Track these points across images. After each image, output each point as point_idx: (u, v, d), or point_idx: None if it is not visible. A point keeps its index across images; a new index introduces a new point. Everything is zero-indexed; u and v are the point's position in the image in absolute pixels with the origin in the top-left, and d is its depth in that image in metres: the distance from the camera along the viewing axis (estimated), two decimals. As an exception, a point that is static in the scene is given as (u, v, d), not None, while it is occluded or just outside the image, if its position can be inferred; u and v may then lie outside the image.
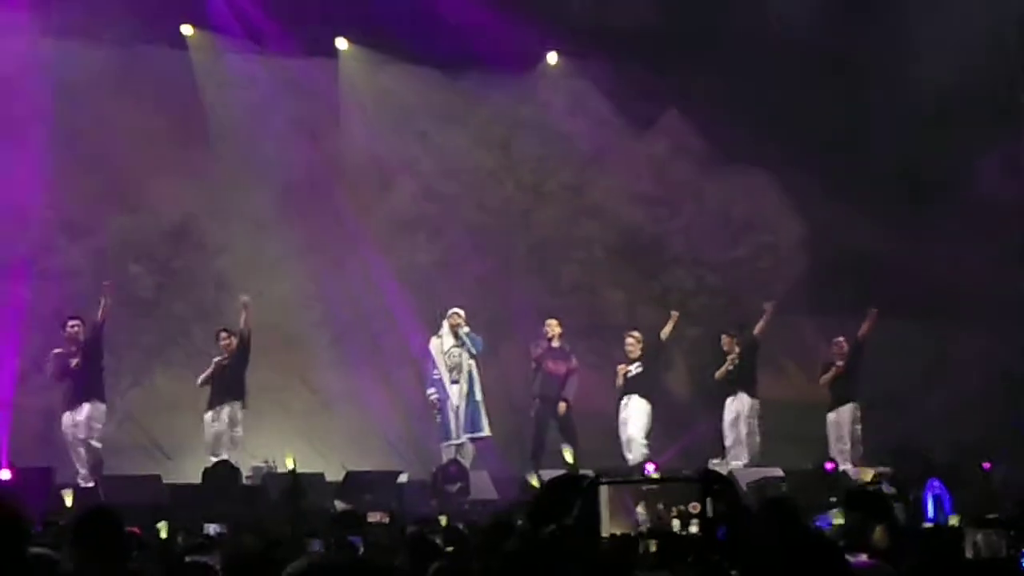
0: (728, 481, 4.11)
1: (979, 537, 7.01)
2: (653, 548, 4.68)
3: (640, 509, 4.35)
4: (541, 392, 16.41)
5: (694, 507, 4.26)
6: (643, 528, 4.49)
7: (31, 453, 14.83)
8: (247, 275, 16.93)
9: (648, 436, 16.29)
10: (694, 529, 4.73)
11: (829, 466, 15.44)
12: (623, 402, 16.46)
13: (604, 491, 4.50)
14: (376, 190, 18.35)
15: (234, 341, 15.34)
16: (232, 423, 15.23)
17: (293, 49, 17.55)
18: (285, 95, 17.68)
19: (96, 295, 14.98)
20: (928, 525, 7.46)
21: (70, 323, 14.88)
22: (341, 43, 18.36)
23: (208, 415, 15.25)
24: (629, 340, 16.56)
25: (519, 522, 9.43)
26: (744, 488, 14.68)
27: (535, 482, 14.73)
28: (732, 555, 4.11)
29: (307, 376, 17.21)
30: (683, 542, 4.65)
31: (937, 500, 7.70)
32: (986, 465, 15.40)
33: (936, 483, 7.61)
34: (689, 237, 19.58)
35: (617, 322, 18.22)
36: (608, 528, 4.43)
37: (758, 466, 15.97)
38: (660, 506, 4.35)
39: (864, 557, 6.61)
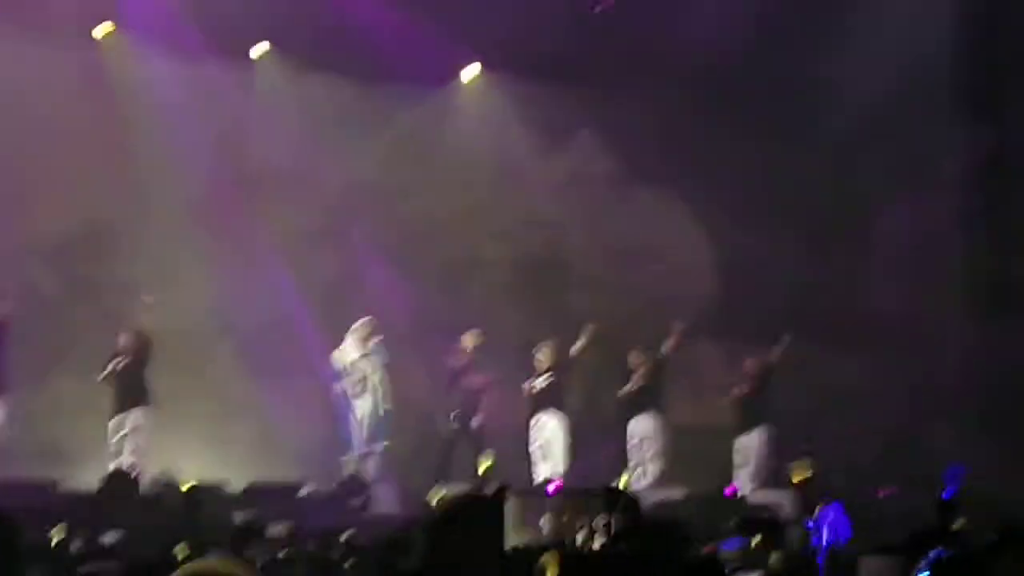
0: (633, 498, 4.11)
1: (872, 563, 7.07)
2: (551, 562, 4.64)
3: (544, 522, 4.32)
4: (459, 405, 16.33)
5: (600, 520, 4.24)
6: (545, 541, 4.46)
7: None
8: (153, 281, 16.74)
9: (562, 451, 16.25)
10: (597, 544, 4.73)
11: (729, 490, 15.55)
12: (534, 419, 16.40)
13: (510, 503, 4.44)
14: (285, 200, 18.18)
15: (130, 340, 15.09)
16: (135, 430, 15.00)
17: (209, 54, 17.38)
18: (199, 100, 17.51)
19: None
20: (824, 549, 7.53)
21: None
22: (257, 49, 18.24)
23: (112, 421, 15.02)
24: (541, 353, 16.49)
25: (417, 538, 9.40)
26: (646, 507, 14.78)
27: (437, 497, 14.69)
28: (632, 570, 4.10)
29: (210, 384, 17.00)
30: (585, 556, 4.64)
31: (833, 525, 7.77)
32: (882, 492, 15.59)
33: (834, 507, 7.66)
34: (595, 258, 19.62)
35: (518, 342, 18.25)
36: (511, 540, 4.37)
37: (660, 487, 16.04)
38: (564, 519, 4.33)
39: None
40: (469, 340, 16.50)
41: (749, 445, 16.60)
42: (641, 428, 16.63)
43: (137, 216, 17.44)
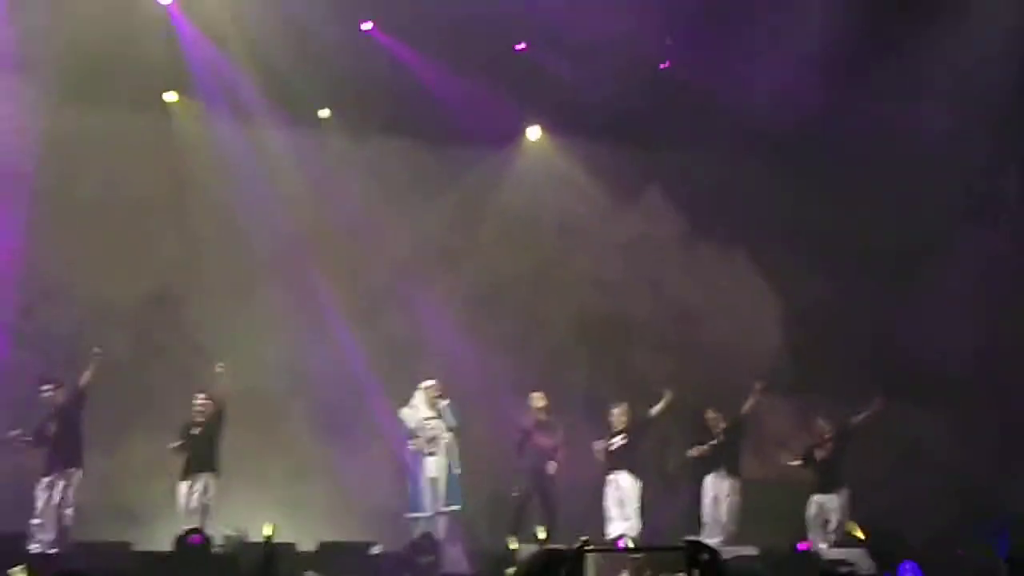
0: (714, 551, 4.10)
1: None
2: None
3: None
4: (530, 465, 16.33)
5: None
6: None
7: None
8: (224, 343, 16.92)
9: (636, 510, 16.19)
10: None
11: (802, 546, 15.40)
12: (610, 476, 16.37)
13: (591, 560, 4.44)
14: (352, 262, 18.29)
15: (210, 406, 15.26)
16: (205, 492, 15.11)
17: (277, 119, 17.59)
18: (268, 165, 17.72)
19: (75, 360, 14.92)
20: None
21: (43, 387, 14.80)
22: (324, 113, 18.46)
23: (183, 485, 15.14)
24: (615, 411, 16.50)
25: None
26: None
27: (514, 544, 14.65)
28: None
29: (282, 445, 17.09)
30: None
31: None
32: (960, 551, 15.35)
33: (909, 565, 7.57)
34: (664, 318, 19.59)
35: (584, 402, 18.28)
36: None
37: (733, 545, 15.93)
38: (645, 574, 4.32)
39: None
40: (537, 401, 16.52)
41: (829, 506, 16.45)
42: (716, 486, 16.58)
43: (208, 279, 17.62)
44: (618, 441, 16.39)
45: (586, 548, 4.26)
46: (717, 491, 16.60)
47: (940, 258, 18.81)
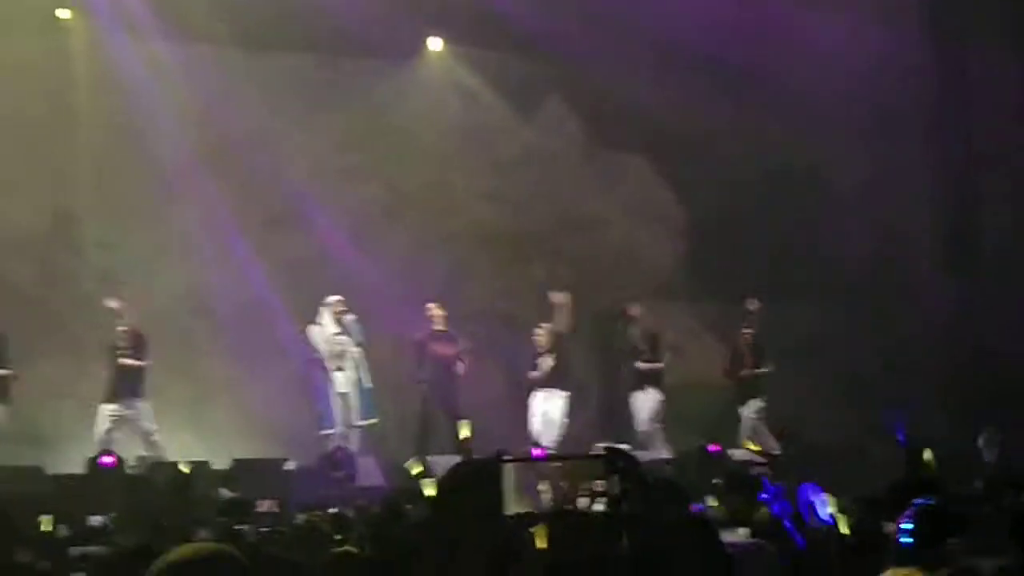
0: (632, 458, 4.20)
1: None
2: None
3: (543, 489, 4.39)
4: (431, 376, 16.41)
5: (599, 484, 4.33)
6: (545, 508, 4.54)
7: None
8: (124, 265, 16.83)
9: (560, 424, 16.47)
10: (600, 507, 4.81)
11: (712, 448, 15.71)
12: (537, 393, 16.55)
13: (510, 471, 4.52)
14: (252, 181, 18.07)
15: (131, 332, 15.21)
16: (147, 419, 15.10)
17: (171, 34, 17.32)
18: (162, 82, 17.45)
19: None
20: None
21: None
22: (218, 30, 18.19)
23: (110, 407, 15.07)
24: (538, 332, 16.63)
25: (408, 507, 9.49)
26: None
27: (415, 469, 14.80)
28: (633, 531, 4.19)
29: (188, 367, 16.99)
30: (576, 521, 4.71)
31: (810, 506, 7.90)
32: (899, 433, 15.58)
33: (808, 487, 7.79)
34: (564, 229, 19.68)
35: (495, 311, 18.40)
36: (511, 508, 4.46)
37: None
38: (563, 484, 4.41)
39: (742, 531, 6.82)
40: (434, 311, 16.54)
41: (748, 415, 16.93)
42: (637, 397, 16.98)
43: (106, 201, 17.34)
44: (547, 362, 16.55)
45: (504, 459, 4.35)
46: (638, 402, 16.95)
47: (840, 171, 19.13)
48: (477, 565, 4.19)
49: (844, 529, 7.65)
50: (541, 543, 4.63)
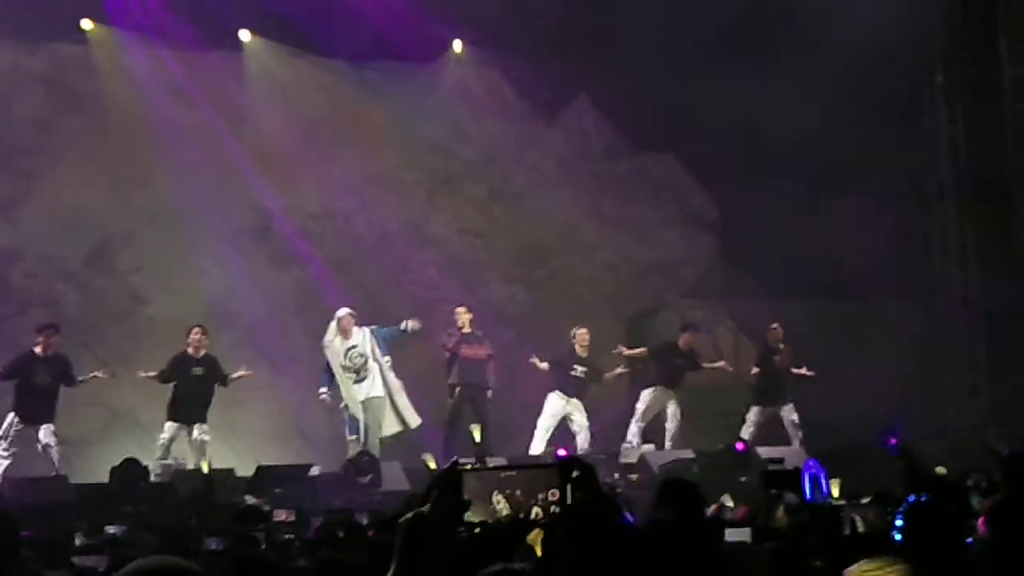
0: (588, 466, 4.13)
1: (857, 515, 7.12)
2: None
3: (498, 497, 4.31)
4: (460, 379, 16.41)
5: (552, 495, 4.24)
6: (500, 517, 4.46)
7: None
8: (156, 275, 16.93)
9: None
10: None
11: (740, 446, 15.60)
12: (565, 400, 16.56)
13: (470, 479, 4.46)
14: (279, 188, 18.13)
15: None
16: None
17: (196, 42, 17.39)
18: (188, 90, 17.53)
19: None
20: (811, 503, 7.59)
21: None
22: (244, 35, 18.28)
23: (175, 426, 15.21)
24: (579, 334, 16.68)
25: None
26: (656, 470, 14.92)
27: (432, 463, 14.79)
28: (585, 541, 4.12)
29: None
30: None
31: (814, 480, 7.82)
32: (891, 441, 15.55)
33: (812, 463, 7.71)
34: (600, 231, 19.62)
35: (534, 312, 18.39)
36: (476, 515, 4.40)
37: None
38: (517, 493, 4.32)
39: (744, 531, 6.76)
40: (462, 315, 16.52)
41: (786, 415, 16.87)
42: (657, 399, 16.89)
43: (134, 209, 17.49)
44: (581, 369, 16.57)
45: (460, 468, 4.29)
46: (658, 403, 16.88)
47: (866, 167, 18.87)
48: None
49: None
50: (539, 547, 4.59)
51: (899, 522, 6.00)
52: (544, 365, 16.57)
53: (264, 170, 17.85)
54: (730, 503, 9.97)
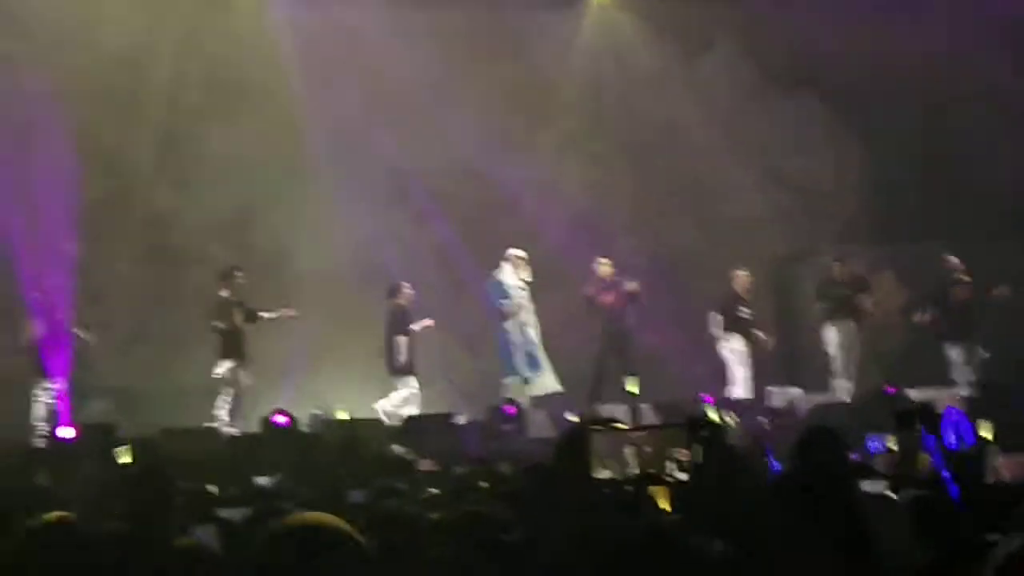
0: (717, 425, 4.10)
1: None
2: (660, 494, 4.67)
3: (629, 451, 4.32)
4: (604, 328, 16.39)
5: (682, 454, 4.23)
6: (629, 474, 4.46)
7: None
8: (297, 226, 17.14)
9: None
10: (683, 476, 4.73)
11: (890, 389, 15.34)
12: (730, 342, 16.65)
13: (596, 438, 4.48)
14: (422, 139, 18.16)
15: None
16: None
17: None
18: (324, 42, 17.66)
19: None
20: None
21: None
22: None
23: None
24: (740, 275, 16.70)
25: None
26: (802, 416, 14.80)
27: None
28: (723, 501, 4.09)
29: (361, 327, 17.18)
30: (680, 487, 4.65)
31: (956, 428, 7.61)
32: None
33: (953, 410, 7.50)
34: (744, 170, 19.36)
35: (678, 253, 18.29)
36: (601, 471, 4.41)
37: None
38: (647, 449, 4.32)
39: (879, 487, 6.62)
40: (603, 266, 16.53)
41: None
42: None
43: (277, 174, 17.70)
44: (747, 311, 16.73)
45: (587, 427, 4.31)
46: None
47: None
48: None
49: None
50: (664, 504, 4.58)
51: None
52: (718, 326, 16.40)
53: (396, 127, 17.89)
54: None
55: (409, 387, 15.87)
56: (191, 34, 17.38)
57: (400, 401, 15.73)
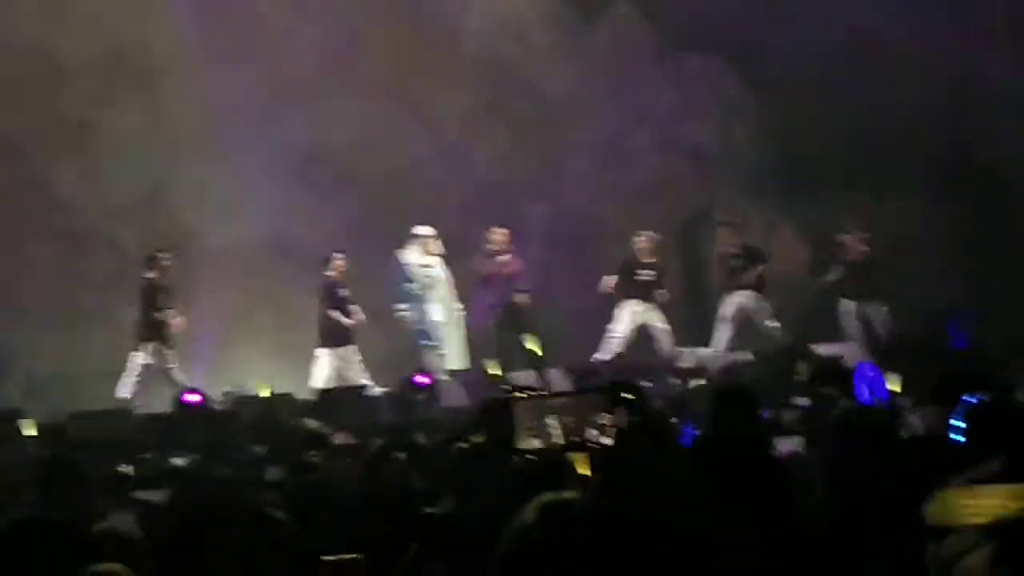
0: (638, 389, 4.13)
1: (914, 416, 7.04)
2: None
3: (551, 422, 4.33)
4: (499, 299, 16.46)
5: (604, 418, 4.26)
6: (558, 442, 4.48)
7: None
8: (205, 204, 16.98)
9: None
10: (607, 440, 4.77)
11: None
12: (634, 307, 16.59)
13: (519, 407, 4.49)
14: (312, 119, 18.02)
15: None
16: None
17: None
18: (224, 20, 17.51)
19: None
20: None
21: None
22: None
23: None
24: (642, 241, 16.69)
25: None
26: (713, 373, 14.93)
27: (492, 370, 14.87)
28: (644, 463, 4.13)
29: (270, 299, 17.09)
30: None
31: (871, 383, 7.75)
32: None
33: (867, 365, 7.65)
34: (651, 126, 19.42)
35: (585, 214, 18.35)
36: (522, 443, 4.43)
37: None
38: (570, 418, 4.33)
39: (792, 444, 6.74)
40: (497, 236, 16.56)
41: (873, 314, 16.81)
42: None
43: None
44: (647, 273, 16.53)
45: (511, 395, 4.33)
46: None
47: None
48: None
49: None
50: (583, 470, 4.61)
51: (959, 423, 5.87)
52: (610, 284, 16.47)
53: (295, 101, 17.76)
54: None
55: (350, 358, 15.68)
56: (92, 16, 17.07)
57: (360, 370, 15.62)
